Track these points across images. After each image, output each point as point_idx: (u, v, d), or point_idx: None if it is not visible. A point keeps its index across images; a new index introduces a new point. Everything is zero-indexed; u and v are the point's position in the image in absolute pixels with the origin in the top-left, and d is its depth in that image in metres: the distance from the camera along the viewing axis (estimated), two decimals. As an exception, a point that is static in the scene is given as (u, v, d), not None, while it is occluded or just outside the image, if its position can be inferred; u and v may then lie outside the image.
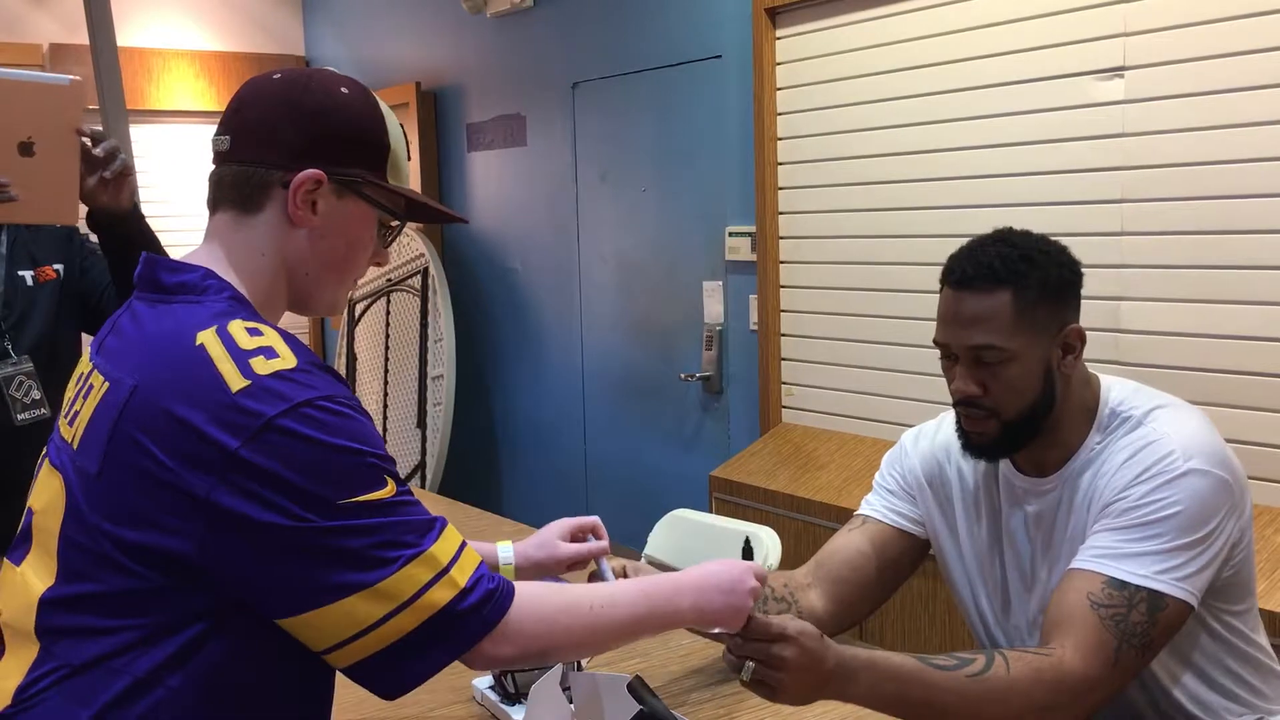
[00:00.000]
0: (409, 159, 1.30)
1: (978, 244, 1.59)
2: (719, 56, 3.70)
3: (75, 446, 1.16)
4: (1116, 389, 1.62)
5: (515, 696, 1.65)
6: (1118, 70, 2.65)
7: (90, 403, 1.15)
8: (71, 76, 1.76)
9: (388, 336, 5.19)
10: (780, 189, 3.52)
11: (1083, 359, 1.62)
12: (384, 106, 1.26)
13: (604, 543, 1.62)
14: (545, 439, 4.74)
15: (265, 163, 1.19)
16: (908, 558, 1.81)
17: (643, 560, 2.65)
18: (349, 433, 1.09)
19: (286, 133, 1.19)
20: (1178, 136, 2.56)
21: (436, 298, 4.82)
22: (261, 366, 1.08)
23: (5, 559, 1.24)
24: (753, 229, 3.61)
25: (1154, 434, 1.54)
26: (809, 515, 3.11)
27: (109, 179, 1.87)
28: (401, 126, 1.30)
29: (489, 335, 5.02)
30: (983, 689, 1.40)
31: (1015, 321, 1.53)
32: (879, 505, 1.84)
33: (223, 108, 1.25)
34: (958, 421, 1.63)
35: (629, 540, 3.82)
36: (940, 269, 2.56)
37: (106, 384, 1.14)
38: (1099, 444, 1.59)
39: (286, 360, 1.10)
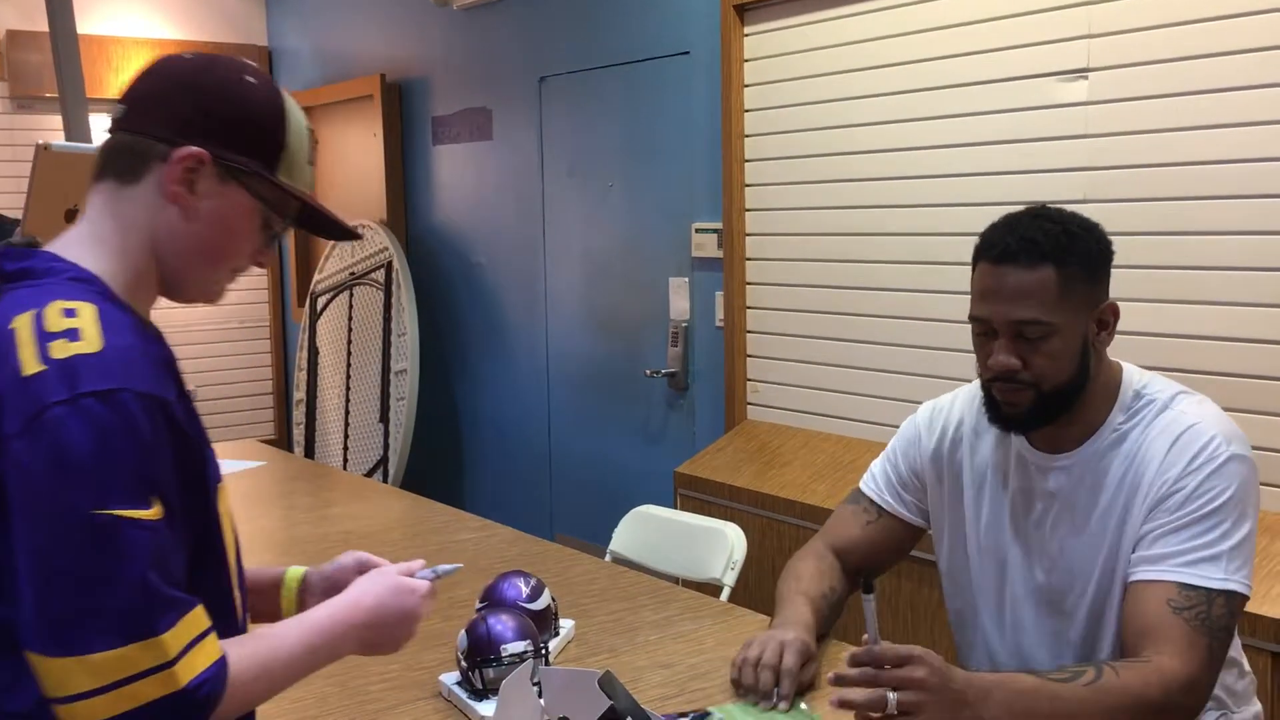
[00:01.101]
0: (311, 164, 1.26)
1: (1015, 220, 1.59)
2: (687, 53, 3.70)
3: None
4: (1137, 372, 1.66)
5: (483, 692, 1.64)
6: (1082, 72, 2.68)
7: None
8: None
9: (350, 330, 5.15)
10: (747, 186, 3.53)
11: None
12: (293, 106, 1.23)
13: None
14: (509, 434, 4.73)
15: (151, 133, 1.16)
16: (907, 546, 1.87)
17: (609, 557, 2.65)
18: (127, 436, 1.02)
19: (178, 106, 1.16)
20: (1140, 138, 2.59)
21: (400, 292, 4.79)
22: (60, 350, 1.03)
23: None
24: (719, 225, 3.61)
25: (1189, 417, 1.58)
26: (773, 512, 3.12)
27: None
28: (311, 133, 1.26)
29: (453, 330, 4.99)
30: (1101, 696, 1.44)
31: (1059, 296, 1.53)
32: (889, 498, 1.86)
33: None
34: (988, 395, 1.64)
35: (594, 536, 3.81)
36: (906, 267, 2.58)
37: None
38: (1123, 424, 1.61)
39: (90, 344, 1.04)
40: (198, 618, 1.07)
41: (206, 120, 1.15)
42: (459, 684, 1.69)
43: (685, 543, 2.62)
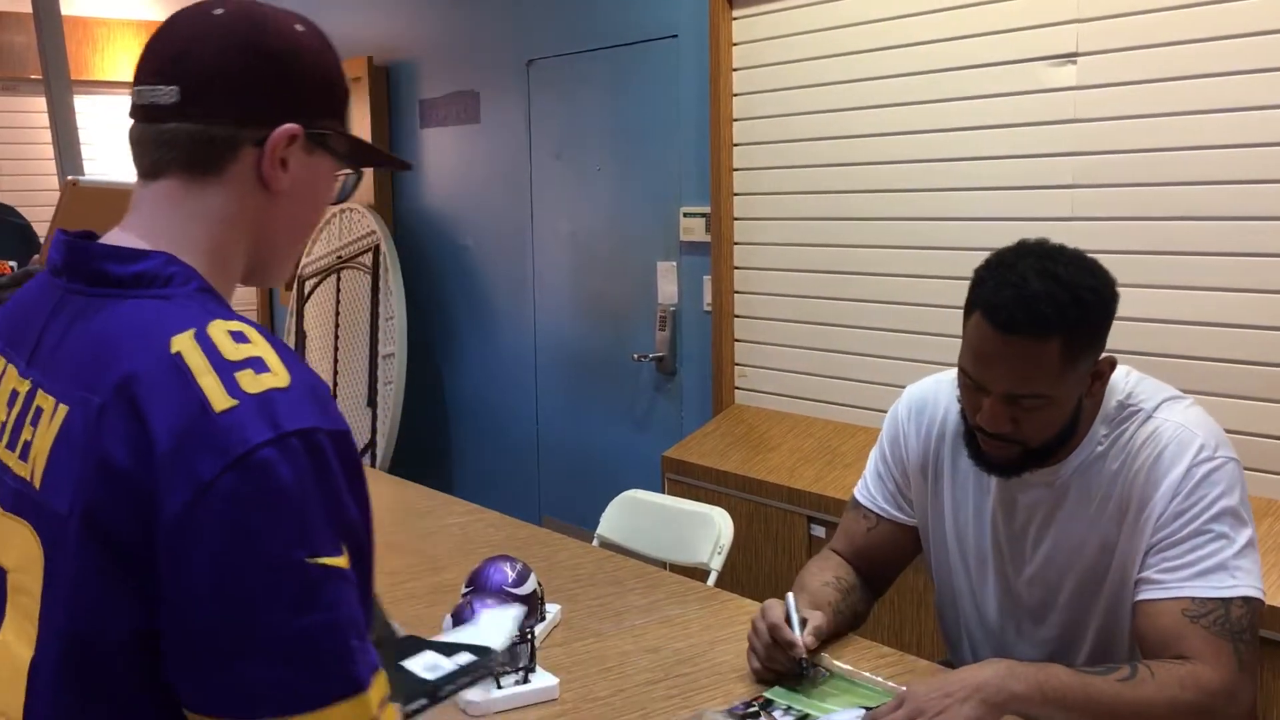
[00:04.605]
0: None
1: (1020, 279, 1.45)
2: (675, 36, 3.69)
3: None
4: (1122, 380, 1.60)
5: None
6: (1070, 57, 2.67)
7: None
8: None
9: (338, 314, 5.14)
10: (735, 170, 3.52)
11: None
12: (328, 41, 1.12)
13: None
14: (497, 418, 4.72)
15: (232, 118, 1.01)
16: (914, 546, 1.84)
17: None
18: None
19: (255, 82, 1.02)
20: (1129, 123, 2.59)
21: (388, 275, 4.77)
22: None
23: None
24: (707, 209, 3.60)
25: (1172, 427, 1.54)
26: (760, 496, 3.12)
27: None
28: None
29: (441, 314, 4.98)
30: (1137, 692, 1.42)
31: (1061, 370, 1.46)
32: (884, 504, 1.84)
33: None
34: (970, 438, 1.60)
35: (581, 521, 3.82)
36: (895, 252, 2.54)
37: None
38: (1106, 436, 1.57)
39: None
40: None
41: (287, 91, 1.03)
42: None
43: (673, 527, 2.62)
